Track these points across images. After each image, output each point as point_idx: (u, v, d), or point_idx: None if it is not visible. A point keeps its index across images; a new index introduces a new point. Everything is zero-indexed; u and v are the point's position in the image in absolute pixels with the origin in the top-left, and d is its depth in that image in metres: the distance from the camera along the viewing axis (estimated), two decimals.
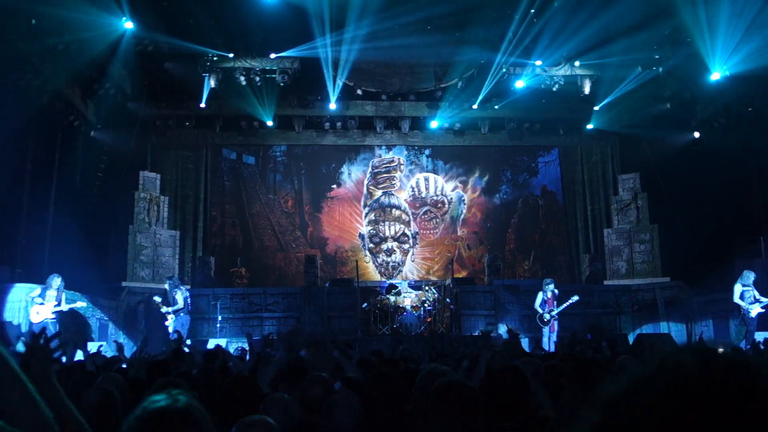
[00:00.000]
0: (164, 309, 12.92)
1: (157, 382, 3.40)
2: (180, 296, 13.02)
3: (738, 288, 11.63)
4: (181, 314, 12.96)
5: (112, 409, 3.21)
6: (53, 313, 10.90)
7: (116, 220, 15.67)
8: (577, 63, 15.61)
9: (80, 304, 11.63)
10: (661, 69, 15.54)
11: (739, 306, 11.65)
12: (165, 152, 17.62)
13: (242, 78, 15.21)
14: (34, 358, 2.15)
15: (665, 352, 0.71)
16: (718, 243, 14.35)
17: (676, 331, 14.27)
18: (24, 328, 11.07)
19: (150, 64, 14.98)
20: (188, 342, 11.03)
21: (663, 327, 14.85)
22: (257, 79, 15.34)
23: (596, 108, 16.88)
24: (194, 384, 4.01)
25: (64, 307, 11.10)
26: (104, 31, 12.77)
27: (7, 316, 11.16)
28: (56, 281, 11.00)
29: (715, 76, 14.07)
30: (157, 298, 13.10)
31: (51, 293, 10.95)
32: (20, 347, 9.08)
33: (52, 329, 10.35)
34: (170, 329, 12.69)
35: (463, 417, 2.69)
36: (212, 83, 15.15)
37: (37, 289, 11.02)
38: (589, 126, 17.61)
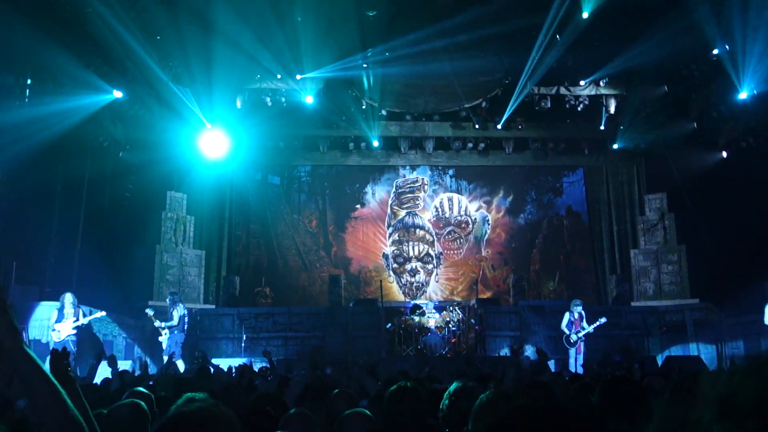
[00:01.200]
0: (157, 323, 12.51)
1: (184, 396, 3.42)
2: (176, 313, 12.71)
3: None
4: (175, 331, 12.63)
5: (142, 422, 3.23)
6: (74, 329, 10.97)
7: (143, 240, 15.85)
8: (602, 83, 15.57)
9: (98, 314, 11.60)
10: (687, 88, 15.45)
11: None
12: (192, 172, 17.82)
13: (267, 99, 15.39)
14: (56, 375, 2.18)
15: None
16: (747, 263, 14.10)
17: (706, 353, 13.99)
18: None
19: (179, 85, 15.22)
20: (175, 360, 11.03)
21: (692, 349, 14.57)
22: (282, 99, 15.52)
23: (622, 127, 16.79)
24: (221, 399, 4.02)
25: (84, 320, 11.17)
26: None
27: (35, 334, 11.29)
28: (68, 298, 11.04)
29: (743, 95, 13.94)
30: (150, 311, 12.59)
31: (68, 311, 11.02)
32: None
33: (71, 347, 10.41)
34: (164, 345, 12.46)
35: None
36: (238, 104, 15.35)
37: (54, 313, 11.07)
38: (615, 146, 17.52)
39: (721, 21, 12.72)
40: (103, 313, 11.74)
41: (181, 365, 11.84)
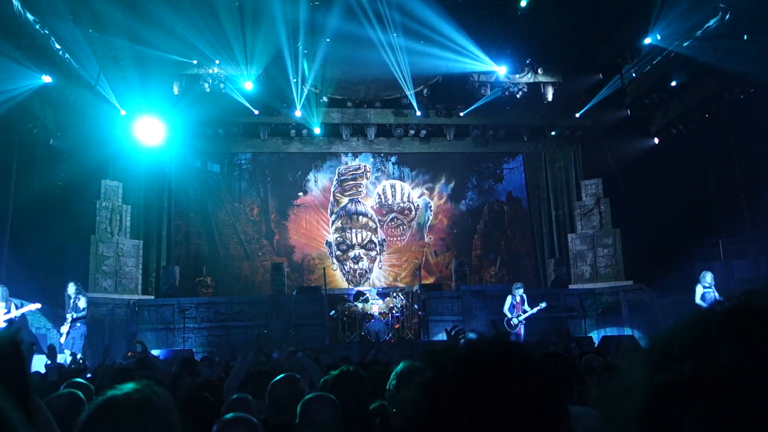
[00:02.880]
0: (70, 315, 12.02)
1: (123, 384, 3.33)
2: (83, 303, 12.20)
3: (699, 289, 11.89)
4: (78, 324, 12.12)
5: (80, 413, 3.13)
6: (5, 321, 10.58)
7: (78, 230, 15.34)
8: (539, 70, 15.84)
9: (31, 307, 11.21)
10: (621, 76, 15.88)
11: (700, 307, 11.90)
12: (127, 160, 17.32)
13: (206, 85, 15.06)
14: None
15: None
16: (679, 246, 14.68)
17: (640, 333, 14.49)
18: None
19: (111, 69, 14.74)
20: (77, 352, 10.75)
21: (627, 329, 15.07)
22: (221, 86, 15.22)
23: (558, 115, 17.16)
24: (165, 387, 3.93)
25: (16, 313, 10.79)
26: None
27: None
28: None
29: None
30: (72, 287, 12.15)
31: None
32: None
33: None
34: (64, 337, 11.86)
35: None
36: (175, 90, 14.97)
37: None
38: (552, 132, 17.90)
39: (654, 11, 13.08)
40: (38, 306, 11.34)
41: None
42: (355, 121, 17.91)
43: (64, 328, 12.01)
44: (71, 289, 12.12)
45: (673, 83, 15.52)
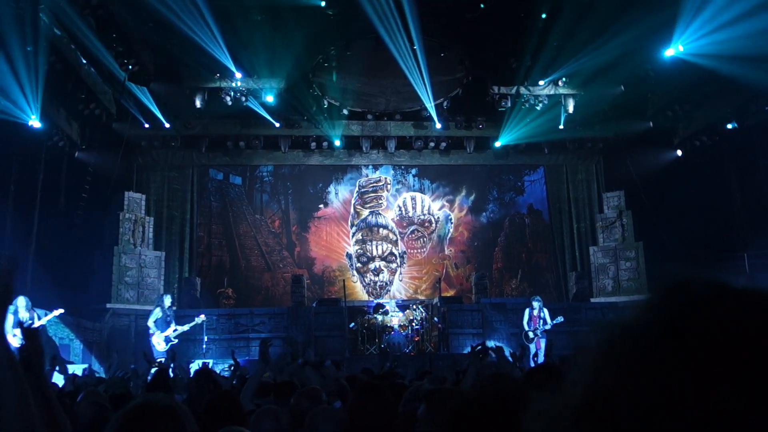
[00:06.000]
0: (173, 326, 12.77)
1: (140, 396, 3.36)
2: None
3: None
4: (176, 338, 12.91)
5: (105, 422, 3.17)
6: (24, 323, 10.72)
7: (101, 242, 15.55)
8: (560, 83, 15.79)
9: (55, 313, 11.37)
10: (643, 88, 15.77)
11: None
12: (151, 173, 17.57)
13: (228, 98, 15.23)
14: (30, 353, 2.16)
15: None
16: (703, 260, 14.45)
17: None
18: None
19: (135, 83, 14.97)
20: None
21: None
22: (243, 99, 15.38)
23: (580, 127, 17.06)
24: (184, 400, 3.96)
25: (41, 322, 10.94)
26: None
27: None
28: (21, 301, 10.76)
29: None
30: (200, 318, 13.21)
31: (23, 315, 10.76)
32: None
33: None
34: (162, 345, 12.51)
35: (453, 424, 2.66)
36: (198, 103, 15.16)
37: (10, 317, 10.81)
38: (573, 145, 17.80)
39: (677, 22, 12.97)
40: (61, 311, 11.49)
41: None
42: (375, 133, 17.98)
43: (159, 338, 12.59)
44: (168, 301, 12.84)
45: (697, 95, 15.36)
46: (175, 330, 12.76)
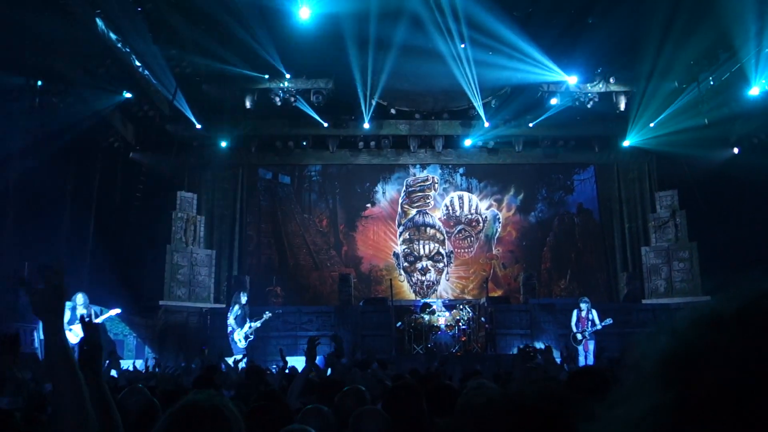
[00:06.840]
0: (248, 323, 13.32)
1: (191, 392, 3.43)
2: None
3: None
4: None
5: (154, 416, 3.25)
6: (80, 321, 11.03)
7: (154, 240, 15.93)
8: (612, 79, 15.49)
9: (112, 312, 11.71)
10: (699, 84, 15.33)
11: None
12: (202, 172, 17.91)
13: (277, 99, 15.42)
14: (90, 347, 2.25)
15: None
16: (759, 260, 13.97)
17: None
18: None
19: (187, 85, 15.31)
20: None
21: None
22: (292, 99, 15.55)
23: (632, 124, 16.69)
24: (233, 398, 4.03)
25: (98, 320, 11.26)
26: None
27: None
28: (80, 298, 11.12)
29: (754, 91, 13.80)
30: (267, 314, 13.62)
31: (81, 311, 11.11)
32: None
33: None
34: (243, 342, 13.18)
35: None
36: (248, 103, 15.39)
37: (67, 313, 11.18)
38: (625, 143, 17.40)
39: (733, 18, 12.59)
40: (118, 311, 11.84)
41: None
42: (422, 132, 17.95)
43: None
44: (244, 298, 13.50)
45: (753, 92, 14.87)
46: (250, 327, 13.08)
